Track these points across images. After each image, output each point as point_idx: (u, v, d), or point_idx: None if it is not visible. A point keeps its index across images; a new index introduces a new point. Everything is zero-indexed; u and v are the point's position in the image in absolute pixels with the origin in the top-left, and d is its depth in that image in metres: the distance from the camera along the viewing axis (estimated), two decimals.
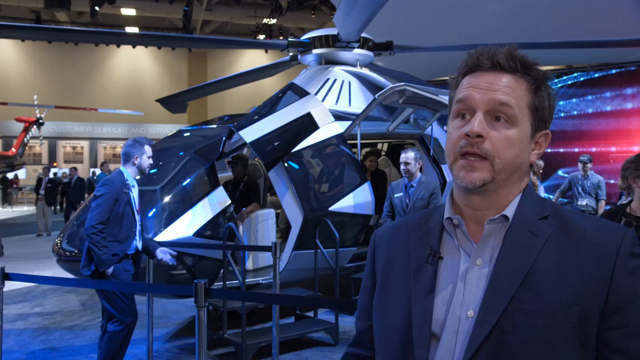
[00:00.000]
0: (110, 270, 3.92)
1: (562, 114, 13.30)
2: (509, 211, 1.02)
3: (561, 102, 13.28)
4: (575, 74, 13.14)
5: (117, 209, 3.92)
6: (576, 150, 12.44)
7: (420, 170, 5.01)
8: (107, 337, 3.98)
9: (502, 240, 1.01)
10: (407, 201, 4.80)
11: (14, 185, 21.74)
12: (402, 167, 4.84)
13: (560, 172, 13.22)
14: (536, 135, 1.05)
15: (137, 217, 4.13)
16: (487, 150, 0.98)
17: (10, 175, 21.13)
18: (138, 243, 4.13)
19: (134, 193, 4.11)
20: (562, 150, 13.31)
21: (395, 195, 4.89)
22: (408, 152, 4.84)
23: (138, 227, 4.13)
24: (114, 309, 3.95)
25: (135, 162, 4.10)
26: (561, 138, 13.23)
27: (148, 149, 4.17)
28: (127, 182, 4.05)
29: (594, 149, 12.51)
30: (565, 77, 13.24)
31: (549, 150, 13.13)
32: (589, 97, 13.04)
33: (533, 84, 1.03)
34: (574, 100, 13.24)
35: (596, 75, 12.96)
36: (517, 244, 0.99)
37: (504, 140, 0.99)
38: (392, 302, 1.08)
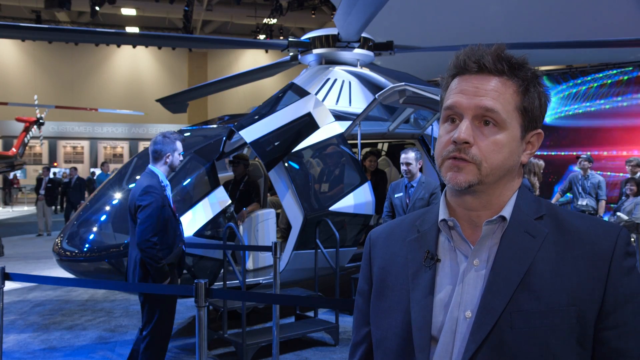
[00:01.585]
0: (166, 281, 3.72)
1: (593, 108, 11.96)
2: (506, 212, 1.02)
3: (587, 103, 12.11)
4: (615, 71, 11.75)
5: (163, 214, 3.68)
6: (614, 153, 11.35)
7: (421, 170, 5.01)
8: (143, 353, 3.79)
9: (499, 241, 1.01)
10: (407, 201, 4.80)
11: (14, 186, 21.74)
12: (403, 167, 4.84)
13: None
14: (527, 135, 1.05)
15: (177, 217, 3.92)
16: (473, 156, 0.99)
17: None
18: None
19: (169, 192, 3.85)
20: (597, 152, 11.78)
21: (396, 196, 4.89)
22: (409, 153, 4.85)
23: (181, 228, 3.91)
24: (154, 318, 3.76)
25: (167, 160, 3.79)
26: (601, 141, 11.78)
27: (179, 145, 3.85)
28: (162, 183, 3.76)
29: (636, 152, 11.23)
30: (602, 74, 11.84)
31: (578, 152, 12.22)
32: (629, 95, 11.66)
33: (521, 85, 1.02)
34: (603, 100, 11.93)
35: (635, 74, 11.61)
36: (514, 245, 0.99)
37: (492, 144, 0.99)
38: (390, 307, 1.07)
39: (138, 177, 5.51)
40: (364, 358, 1.17)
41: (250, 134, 5.45)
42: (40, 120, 17.97)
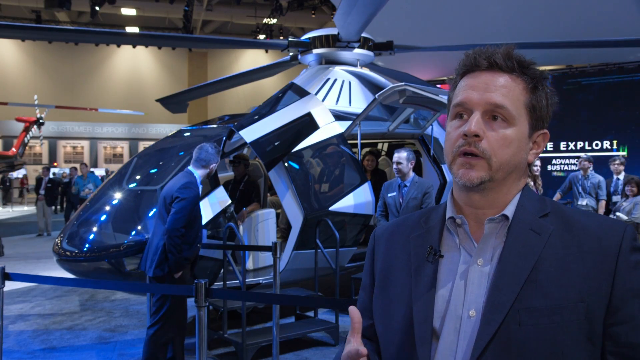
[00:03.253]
0: (179, 274, 3.95)
1: None
2: (509, 210, 1.03)
3: None
4: None
5: (193, 211, 3.98)
6: None
7: (420, 170, 5.02)
8: (147, 340, 3.97)
9: (504, 239, 1.01)
10: (401, 201, 4.84)
11: (23, 186, 21.74)
12: (394, 166, 4.90)
13: None
14: (534, 134, 1.06)
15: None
16: (484, 150, 0.99)
17: (19, 175, 21.17)
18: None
19: None
20: None
21: (389, 195, 4.94)
22: (401, 152, 4.89)
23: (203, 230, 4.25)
24: (162, 313, 3.94)
25: (211, 169, 4.17)
26: None
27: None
28: (199, 185, 4.12)
29: None
30: None
31: None
32: None
33: (530, 83, 1.03)
34: None
35: None
36: (519, 242, 1.00)
37: (501, 139, 1.00)
38: (392, 301, 1.08)
39: (138, 177, 5.54)
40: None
41: (250, 134, 5.45)
42: (40, 120, 17.98)
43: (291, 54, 7.77)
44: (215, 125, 6.43)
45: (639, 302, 0.96)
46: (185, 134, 6.34)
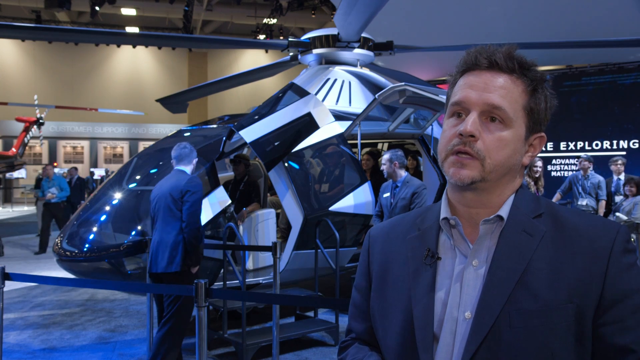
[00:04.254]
0: (196, 269, 4.09)
1: None
2: (504, 211, 1.02)
3: None
4: None
5: None
6: None
7: (418, 170, 5.06)
8: (160, 337, 4.02)
9: (497, 240, 1.01)
10: (392, 200, 4.93)
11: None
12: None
13: None
14: (530, 137, 1.05)
15: None
16: (478, 150, 0.99)
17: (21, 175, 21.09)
18: None
19: None
20: None
21: (384, 196, 5.09)
22: (385, 155, 5.06)
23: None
24: (175, 309, 4.00)
25: (194, 164, 4.34)
26: None
27: None
28: None
29: None
30: None
31: None
32: None
33: (530, 85, 1.02)
34: None
35: None
36: (512, 244, 0.99)
37: (496, 141, 0.99)
38: (391, 305, 1.07)
39: (138, 177, 5.53)
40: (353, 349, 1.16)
41: (250, 134, 5.45)
42: (40, 120, 17.96)
43: (291, 54, 7.77)
44: (215, 125, 6.43)
45: (630, 303, 0.95)
46: (185, 134, 6.34)
